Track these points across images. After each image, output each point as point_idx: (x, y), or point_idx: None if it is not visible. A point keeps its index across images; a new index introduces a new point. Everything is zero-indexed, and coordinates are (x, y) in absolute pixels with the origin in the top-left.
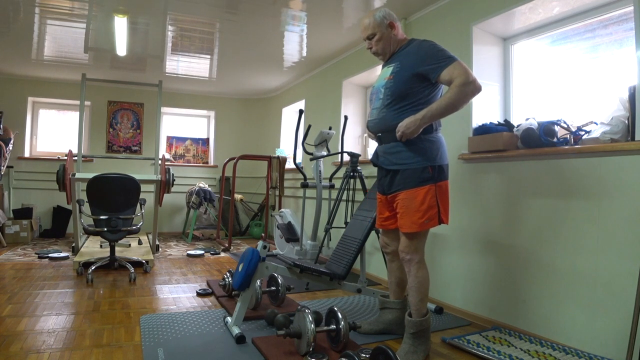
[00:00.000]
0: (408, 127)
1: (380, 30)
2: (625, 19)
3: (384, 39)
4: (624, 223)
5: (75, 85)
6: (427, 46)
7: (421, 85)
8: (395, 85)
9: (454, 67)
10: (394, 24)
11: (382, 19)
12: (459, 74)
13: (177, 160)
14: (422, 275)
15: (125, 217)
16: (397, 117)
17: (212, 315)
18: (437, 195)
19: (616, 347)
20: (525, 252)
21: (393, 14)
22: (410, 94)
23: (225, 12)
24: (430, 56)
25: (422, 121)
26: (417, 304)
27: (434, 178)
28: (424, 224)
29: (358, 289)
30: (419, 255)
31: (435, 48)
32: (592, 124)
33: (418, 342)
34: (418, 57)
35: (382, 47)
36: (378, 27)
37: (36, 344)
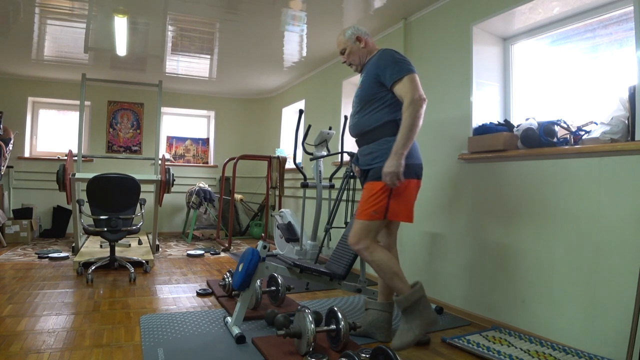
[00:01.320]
0: (389, 169)
1: (349, 45)
2: (625, 19)
3: (353, 52)
4: (624, 223)
5: (75, 85)
6: (385, 55)
7: (383, 90)
8: (362, 93)
9: (403, 83)
10: (362, 37)
11: (351, 35)
12: (405, 92)
13: (177, 160)
14: (377, 258)
15: (125, 217)
16: (367, 120)
17: (212, 315)
18: (392, 192)
19: (616, 347)
20: (525, 252)
21: (362, 29)
22: (375, 99)
23: (225, 12)
24: (386, 65)
25: (397, 156)
26: (390, 283)
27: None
28: (371, 214)
29: (358, 289)
30: (365, 243)
31: (392, 58)
32: (592, 124)
33: (411, 317)
34: (378, 66)
35: (353, 59)
36: (347, 42)
37: (36, 344)
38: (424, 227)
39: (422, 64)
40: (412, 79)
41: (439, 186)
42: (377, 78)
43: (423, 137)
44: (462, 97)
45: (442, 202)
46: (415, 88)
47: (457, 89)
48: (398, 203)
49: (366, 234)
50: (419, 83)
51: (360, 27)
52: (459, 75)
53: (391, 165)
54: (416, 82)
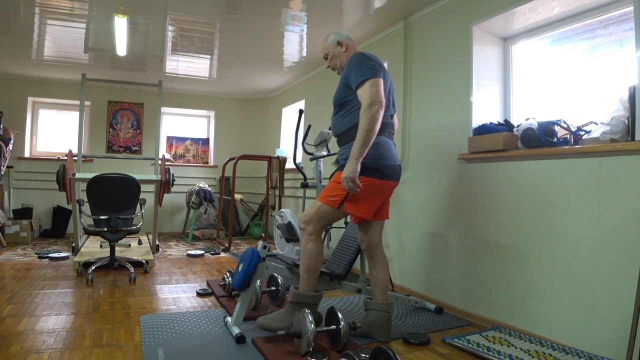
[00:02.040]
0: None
1: (330, 50)
2: (625, 19)
3: (334, 56)
4: (624, 223)
5: (75, 85)
6: (354, 59)
7: (352, 93)
8: (335, 96)
9: (363, 88)
10: (342, 42)
11: (332, 40)
12: (364, 97)
13: (177, 160)
14: (310, 248)
15: (125, 217)
16: (340, 122)
17: (212, 315)
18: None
19: (616, 347)
20: (525, 252)
21: (344, 34)
22: (346, 102)
23: (225, 12)
24: (352, 69)
25: (352, 161)
26: (303, 274)
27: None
28: (327, 199)
29: (358, 289)
30: (312, 228)
31: (358, 62)
32: (592, 124)
33: (290, 312)
34: (346, 69)
35: (335, 63)
36: (329, 47)
37: (36, 344)
38: (424, 227)
39: (422, 64)
40: (373, 83)
41: (439, 186)
42: (346, 81)
43: (423, 137)
44: (462, 97)
45: (442, 202)
46: (374, 93)
47: (457, 89)
48: (360, 198)
49: (318, 219)
50: (380, 88)
51: (342, 32)
52: (459, 75)
53: (347, 170)
54: (377, 86)
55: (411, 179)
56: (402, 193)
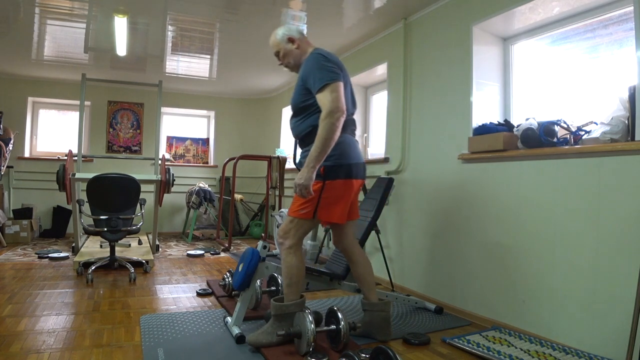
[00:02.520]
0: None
1: (281, 47)
2: (625, 19)
3: (286, 54)
4: (624, 223)
5: (75, 85)
6: (312, 60)
7: (311, 97)
8: (293, 99)
9: (324, 94)
10: (294, 38)
11: (283, 36)
12: (324, 103)
13: (177, 160)
14: (290, 262)
15: (125, 217)
16: (301, 125)
17: (212, 315)
18: (323, 192)
19: (616, 347)
20: (525, 252)
21: (295, 28)
22: (306, 105)
23: (225, 12)
24: (311, 71)
25: (308, 168)
26: (285, 288)
27: (324, 176)
28: (299, 212)
29: (358, 289)
30: (290, 241)
31: (317, 64)
32: (592, 124)
33: (277, 324)
34: (304, 71)
35: (288, 61)
36: (279, 44)
37: (36, 344)
38: (424, 227)
39: (422, 64)
40: (334, 88)
41: (439, 186)
42: (304, 84)
43: (423, 137)
44: (462, 97)
45: (442, 202)
46: (335, 99)
47: (457, 89)
48: (329, 202)
49: (295, 232)
50: (340, 93)
51: (293, 27)
52: (459, 75)
53: (301, 177)
54: (337, 92)
55: (411, 179)
56: (402, 193)
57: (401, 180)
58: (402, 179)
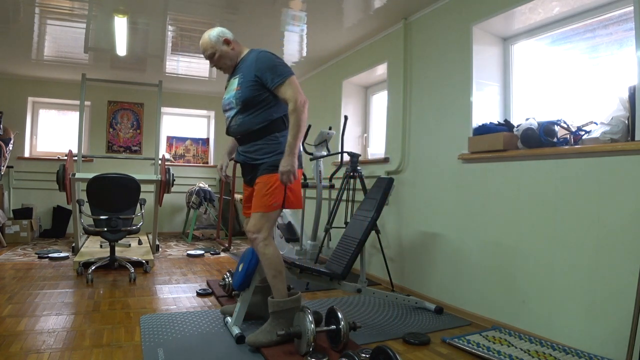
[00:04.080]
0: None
1: (218, 49)
2: (625, 19)
3: (222, 55)
4: (624, 223)
5: (75, 85)
6: (264, 57)
7: (265, 92)
8: (243, 95)
9: (285, 88)
10: (230, 40)
11: (217, 38)
12: (289, 96)
13: (177, 160)
14: (269, 252)
15: (125, 217)
16: (254, 119)
17: (212, 315)
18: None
19: (616, 347)
20: (525, 252)
21: (227, 31)
22: (259, 101)
23: (225, 12)
24: (267, 68)
25: (291, 156)
26: (272, 281)
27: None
28: (272, 206)
29: (358, 289)
30: (264, 234)
31: (271, 61)
32: (592, 124)
33: (276, 322)
34: (257, 67)
35: (223, 63)
36: (215, 46)
37: (36, 344)
38: (423, 227)
39: (422, 64)
40: (292, 82)
41: (439, 186)
42: (258, 80)
43: (423, 137)
44: (462, 97)
45: (442, 202)
46: (297, 91)
47: (457, 89)
48: (293, 192)
49: (267, 225)
50: (298, 85)
51: (225, 30)
52: (459, 75)
53: (287, 164)
54: (296, 84)
55: (411, 179)
56: (402, 193)
57: (401, 180)
58: (402, 179)
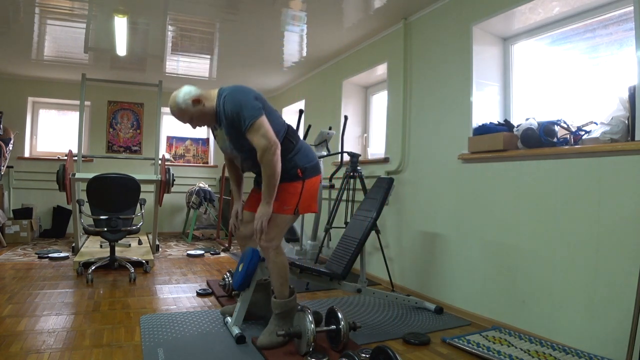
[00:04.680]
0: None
1: (188, 113)
2: (625, 19)
3: (198, 117)
4: (624, 223)
5: (75, 85)
6: (229, 103)
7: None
8: (237, 144)
9: (252, 133)
10: (198, 98)
11: (185, 102)
12: (257, 143)
13: (177, 160)
14: (280, 261)
15: (125, 217)
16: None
17: (212, 315)
18: (303, 190)
19: (616, 347)
20: (525, 252)
21: (192, 89)
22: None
23: (225, 12)
24: (235, 114)
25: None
26: (279, 287)
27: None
28: (283, 209)
29: (358, 289)
30: (277, 242)
31: (236, 105)
32: (592, 124)
33: (282, 322)
34: (228, 117)
35: (203, 122)
36: (186, 111)
37: (36, 344)
38: (423, 227)
39: (422, 64)
40: (260, 124)
41: (439, 186)
42: (238, 128)
43: (423, 137)
44: (462, 97)
45: (442, 202)
46: (263, 136)
47: (457, 89)
48: (306, 199)
49: (279, 235)
50: (268, 127)
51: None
52: (459, 75)
53: (264, 212)
54: (263, 128)
55: (411, 179)
56: (402, 193)
57: (401, 180)
58: (402, 179)
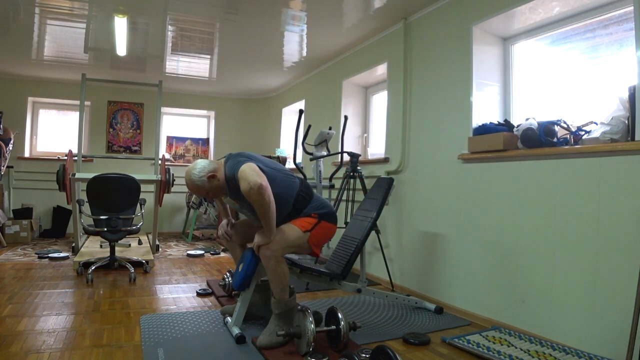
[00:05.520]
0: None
1: (205, 189)
2: (625, 19)
3: (215, 190)
4: (624, 223)
5: (75, 85)
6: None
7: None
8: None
9: (240, 180)
10: (213, 173)
11: (201, 179)
12: (242, 188)
13: (177, 160)
14: (281, 270)
15: (125, 217)
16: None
17: (212, 315)
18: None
19: (616, 347)
20: (525, 252)
21: (205, 164)
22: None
23: (225, 12)
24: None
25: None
26: (279, 292)
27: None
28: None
29: (358, 289)
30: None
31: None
32: (592, 124)
33: (282, 322)
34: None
35: (218, 194)
36: (204, 187)
37: (36, 344)
38: (423, 227)
39: (422, 64)
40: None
41: (439, 186)
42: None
43: (423, 137)
44: (462, 97)
45: (442, 202)
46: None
47: (457, 89)
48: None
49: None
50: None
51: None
52: (459, 75)
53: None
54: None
55: (411, 179)
56: (402, 193)
57: (401, 180)
58: (402, 179)
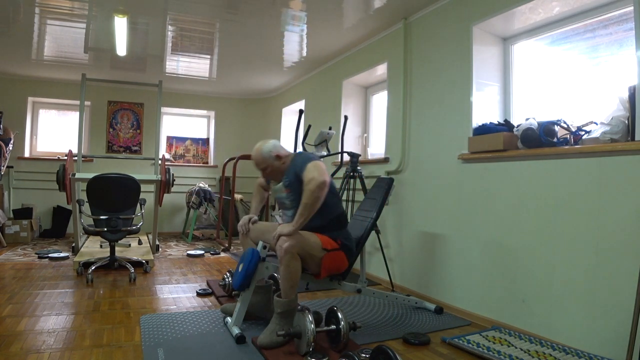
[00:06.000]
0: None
1: (269, 164)
2: (625, 19)
3: (274, 170)
4: (624, 223)
5: (75, 85)
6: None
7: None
8: (295, 195)
9: (308, 169)
10: (281, 155)
11: (269, 154)
12: (309, 178)
13: (177, 160)
14: (294, 266)
15: (125, 217)
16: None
17: (212, 315)
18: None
19: (616, 347)
20: (525, 252)
21: (279, 145)
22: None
23: (225, 12)
24: (300, 164)
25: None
26: (288, 290)
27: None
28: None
29: (358, 289)
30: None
31: (302, 158)
32: (592, 124)
33: (284, 322)
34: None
35: (274, 176)
36: (267, 161)
37: (36, 344)
38: (423, 227)
39: (422, 64)
40: (315, 164)
41: (439, 186)
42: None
43: (423, 137)
44: (462, 97)
45: (442, 202)
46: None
47: (457, 89)
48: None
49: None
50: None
51: (277, 144)
52: (459, 75)
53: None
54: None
55: (411, 179)
56: (402, 193)
57: (401, 180)
58: (402, 179)
